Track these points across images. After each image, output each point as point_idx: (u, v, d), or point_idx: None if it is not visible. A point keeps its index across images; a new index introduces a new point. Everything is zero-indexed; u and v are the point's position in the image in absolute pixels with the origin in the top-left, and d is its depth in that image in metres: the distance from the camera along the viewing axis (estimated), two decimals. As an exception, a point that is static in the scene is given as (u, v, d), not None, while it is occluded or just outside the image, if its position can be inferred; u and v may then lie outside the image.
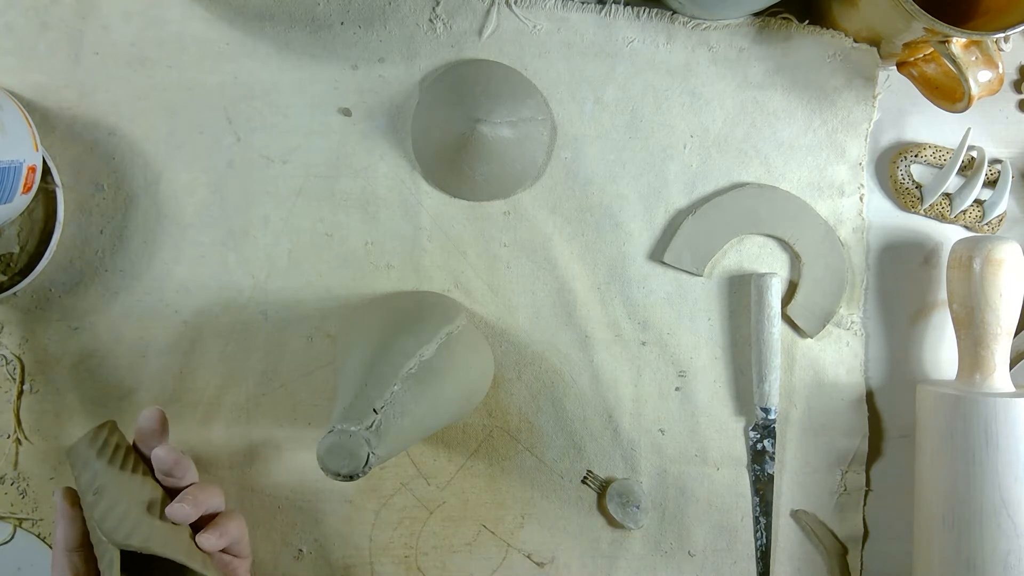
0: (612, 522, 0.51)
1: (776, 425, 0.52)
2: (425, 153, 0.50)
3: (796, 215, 0.51)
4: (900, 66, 0.52)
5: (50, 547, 0.49)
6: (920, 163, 0.53)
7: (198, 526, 0.43)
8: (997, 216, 0.53)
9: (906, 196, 0.53)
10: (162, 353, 0.49)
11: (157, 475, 0.43)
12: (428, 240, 0.51)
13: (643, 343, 0.52)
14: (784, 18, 0.51)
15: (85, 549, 0.42)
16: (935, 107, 0.50)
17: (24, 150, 0.42)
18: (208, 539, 0.41)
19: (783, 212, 0.51)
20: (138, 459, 0.44)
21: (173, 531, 0.40)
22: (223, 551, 0.44)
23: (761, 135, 0.52)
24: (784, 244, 0.52)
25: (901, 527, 0.53)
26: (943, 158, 0.52)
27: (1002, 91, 0.49)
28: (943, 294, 0.53)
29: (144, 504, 0.40)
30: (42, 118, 0.48)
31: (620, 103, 0.51)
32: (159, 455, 0.42)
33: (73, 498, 0.42)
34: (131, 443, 0.45)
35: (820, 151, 0.52)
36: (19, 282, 0.46)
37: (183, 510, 0.41)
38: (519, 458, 0.51)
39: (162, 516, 0.40)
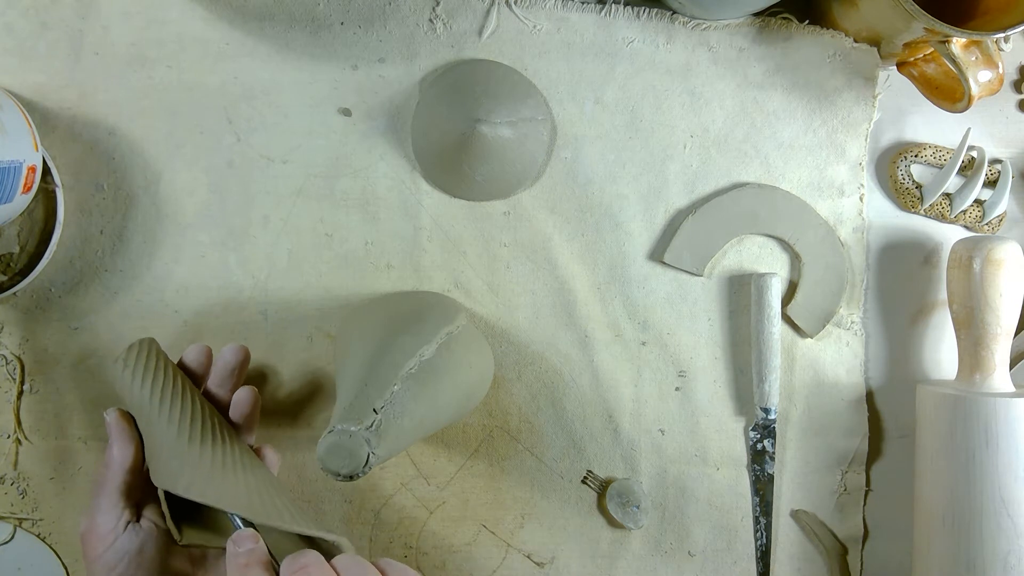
0: (612, 522, 0.51)
1: (776, 425, 0.52)
2: (425, 153, 0.50)
3: (796, 215, 0.51)
4: (900, 66, 0.52)
5: (50, 547, 0.49)
6: (920, 163, 0.53)
7: None
8: (997, 216, 0.53)
9: (906, 196, 0.53)
10: (162, 353, 0.50)
11: (231, 414, 0.43)
12: (428, 240, 0.51)
13: (643, 343, 0.52)
14: (784, 18, 0.51)
15: (140, 470, 0.41)
16: (935, 107, 0.50)
17: (24, 150, 0.42)
18: (270, 453, 0.44)
19: (783, 212, 0.51)
20: (185, 379, 0.42)
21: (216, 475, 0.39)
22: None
23: (761, 135, 0.52)
24: (784, 244, 0.52)
25: (901, 527, 0.52)
26: (943, 158, 0.52)
27: (1002, 91, 0.49)
28: (943, 294, 0.53)
29: (177, 442, 0.39)
30: (42, 118, 0.48)
31: (620, 103, 0.51)
32: (240, 398, 0.43)
33: (128, 417, 0.42)
34: (172, 361, 0.43)
35: (820, 151, 0.52)
36: (19, 282, 0.46)
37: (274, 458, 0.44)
38: (519, 458, 0.51)
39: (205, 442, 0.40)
